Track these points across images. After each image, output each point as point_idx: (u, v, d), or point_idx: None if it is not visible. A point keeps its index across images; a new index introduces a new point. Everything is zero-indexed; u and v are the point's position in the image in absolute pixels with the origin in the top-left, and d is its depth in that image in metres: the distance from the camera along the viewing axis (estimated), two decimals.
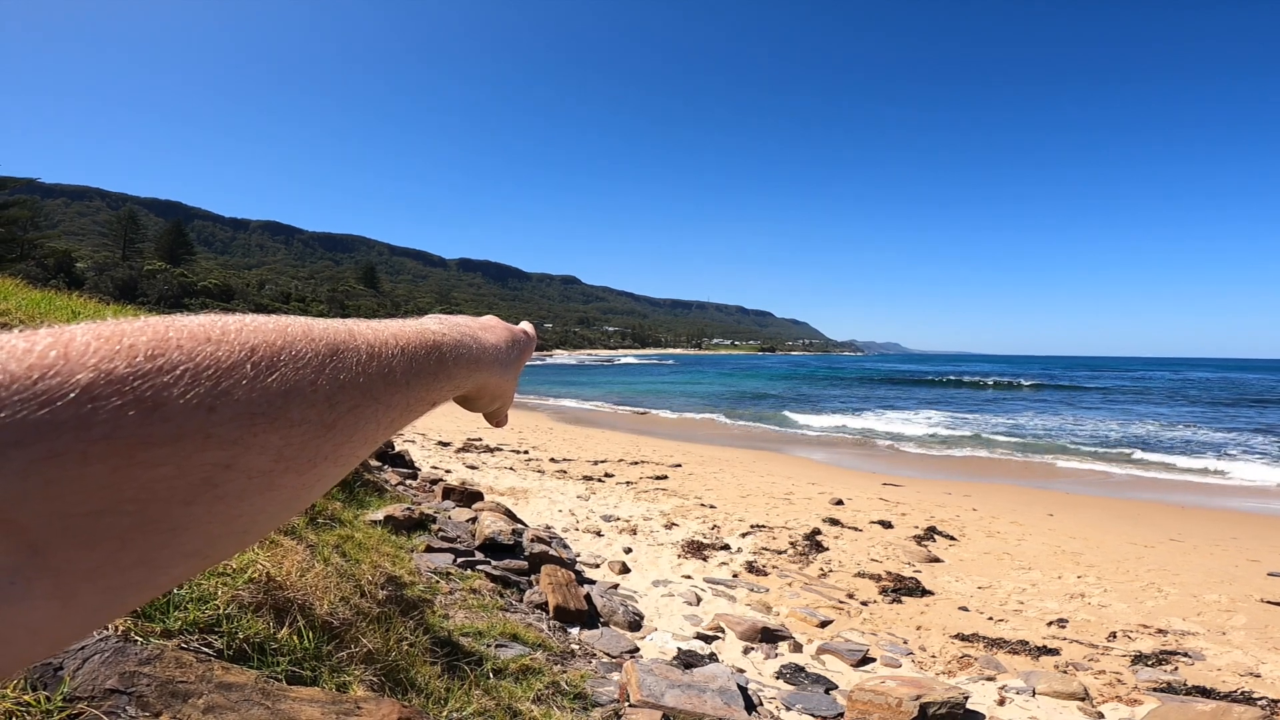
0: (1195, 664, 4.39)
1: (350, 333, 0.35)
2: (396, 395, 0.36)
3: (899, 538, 7.43)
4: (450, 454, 11.94)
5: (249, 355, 0.27)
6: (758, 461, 13.24)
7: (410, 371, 0.38)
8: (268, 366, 0.28)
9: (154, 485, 0.23)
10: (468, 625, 3.00)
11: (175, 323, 0.27)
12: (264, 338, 0.29)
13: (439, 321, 0.46)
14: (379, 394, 0.35)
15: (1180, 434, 20.32)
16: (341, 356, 0.32)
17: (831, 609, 5.21)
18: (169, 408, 0.24)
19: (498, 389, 0.54)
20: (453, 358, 0.43)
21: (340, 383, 0.32)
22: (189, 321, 0.27)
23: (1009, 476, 12.59)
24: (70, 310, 3.60)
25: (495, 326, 0.56)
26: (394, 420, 0.37)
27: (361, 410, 0.33)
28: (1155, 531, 8.07)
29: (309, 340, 0.31)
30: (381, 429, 0.36)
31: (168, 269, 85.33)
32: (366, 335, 0.36)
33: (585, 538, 6.80)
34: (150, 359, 0.24)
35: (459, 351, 0.44)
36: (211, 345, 0.26)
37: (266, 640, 1.26)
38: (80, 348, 0.23)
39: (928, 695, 3.24)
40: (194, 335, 0.26)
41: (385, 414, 0.36)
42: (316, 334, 0.32)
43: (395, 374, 0.36)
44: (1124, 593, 5.82)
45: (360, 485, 5.61)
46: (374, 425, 0.35)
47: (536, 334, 0.66)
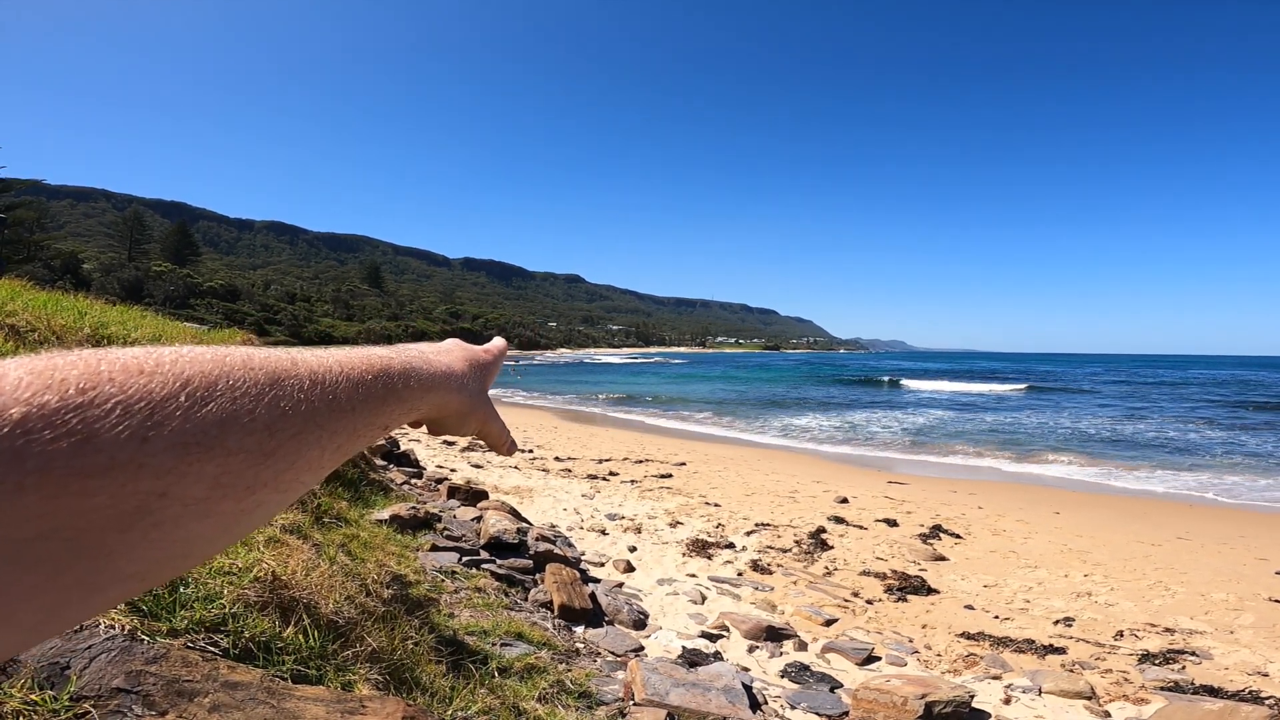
0: (1203, 663, 4.37)
1: (293, 361, 0.36)
2: (342, 421, 0.37)
3: (904, 536, 7.41)
4: (455, 453, 11.97)
5: (183, 386, 0.28)
6: (762, 460, 13.23)
7: (357, 396, 0.39)
8: (203, 397, 0.29)
9: (88, 514, 0.25)
10: (473, 624, 3.01)
11: (108, 355, 0.28)
12: (200, 369, 0.30)
13: (389, 348, 0.47)
14: (322, 420, 0.36)
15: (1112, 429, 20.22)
16: (282, 385, 0.33)
17: (836, 607, 5.21)
18: (101, 439, 0.25)
19: (460, 409, 0.54)
20: (402, 381, 0.44)
21: (280, 410, 0.33)
22: (123, 354, 0.28)
23: (1003, 476, 12.56)
24: (77, 311, 3.62)
25: (452, 349, 0.57)
26: (341, 446, 0.38)
27: (304, 436, 0.34)
28: (1162, 530, 8.03)
29: (247, 370, 0.32)
30: (328, 455, 0.37)
31: (174, 269, 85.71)
32: (310, 363, 0.37)
33: (590, 536, 6.81)
34: (81, 392, 0.25)
35: (409, 374, 0.45)
36: (144, 378, 0.27)
37: (272, 639, 1.27)
38: (13, 383, 0.24)
39: (933, 694, 3.23)
40: (127, 368, 0.27)
41: (330, 440, 0.37)
42: (256, 363, 0.33)
43: (340, 400, 0.37)
44: (1131, 591, 5.79)
45: (366, 484, 5.63)
46: (318, 451, 0.36)
47: (507, 346, 0.66)
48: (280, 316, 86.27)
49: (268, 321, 77.51)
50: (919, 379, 51.08)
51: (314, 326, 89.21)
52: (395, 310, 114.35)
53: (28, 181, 36.09)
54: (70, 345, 3.01)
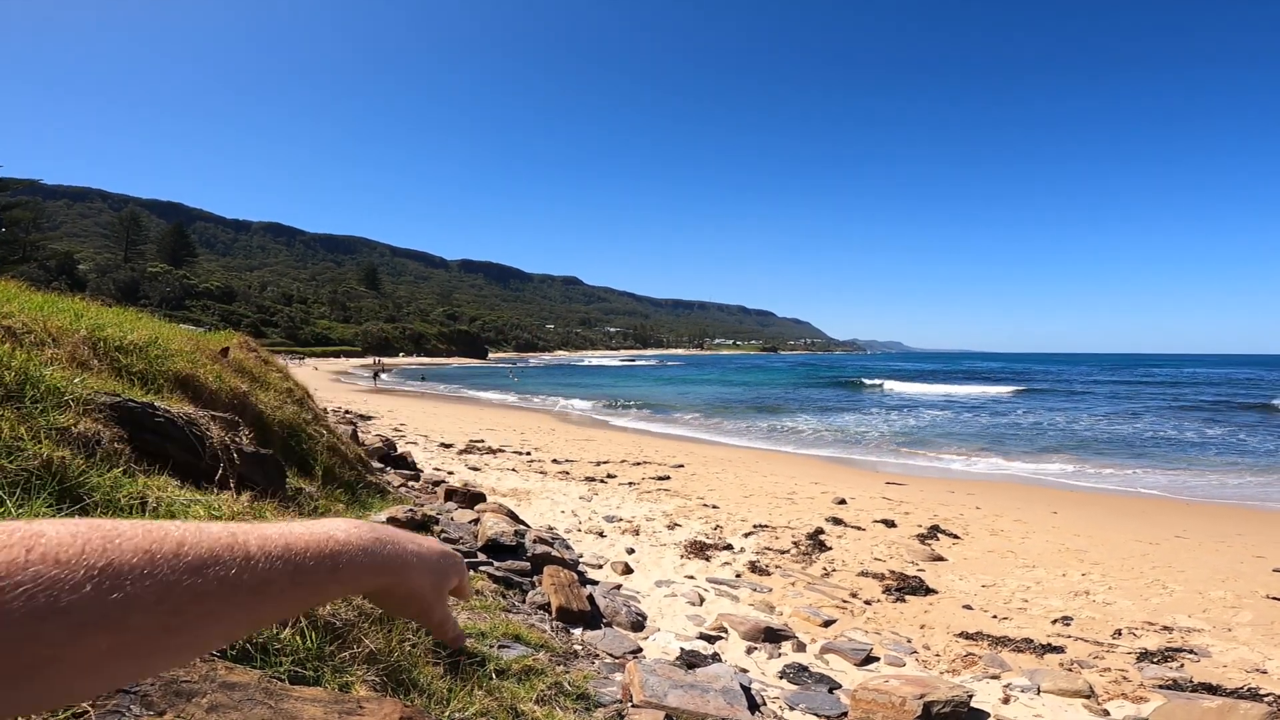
0: (1201, 661, 4.37)
1: (232, 542, 0.39)
2: (265, 605, 0.40)
3: (902, 536, 7.41)
4: (453, 455, 11.95)
5: (93, 576, 0.33)
6: (760, 461, 13.23)
7: (294, 580, 0.42)
8: (110, 587, 0.33)
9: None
10: (470, 626, 3.00)
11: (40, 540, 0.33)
12: (122, 558, 0.34)
13: (355, 526, 0.49)
14: (242, 600, 0.39)
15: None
16: (206, 570, 0.37)
17: (835, 608, 5.20)
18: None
19: (407, 595, 0.55)
20: (349, 567, 0.46)
21: (196, 593, 0.36)
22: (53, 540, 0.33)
23: (1000, 476, 12.57)
24: (74, 312, 3.60)
25: (427, 542, 0.59)
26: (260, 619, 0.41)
27: (217, 614, 0.38)
28: (1160, 528, 8.05)
29: (177, 555, 0.36)
30: (242, 628, 0.40)
31: (170, 270, 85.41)
32: (251, 544, 0.40)
33: (588, 538, 6.80)
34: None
35: (361, 559, 0.48)
36: (58, 569, 0.32)
37: (270, 641, 1.26)
38: None
39: (932, 694, 3.23)
40: (45, 558, 0.32)
41: (248, 616, 0.40)
42: (189, 548, 0.37)
43: (271, 584, 0.40)
44: (1129, 590, 5.80)
45: (363, 487, 5.61)
46: (229, 625, 0.39)
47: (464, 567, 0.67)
48: (277, 318, 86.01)
49: (264, 323, 77.23)
50: (912, 381, 51.15)
51: (310, 328, 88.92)
52: (392, 312, 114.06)
53: (24, 181, 35.91)
54: (66, 347, 2.99)
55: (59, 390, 2.33)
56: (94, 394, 2.49)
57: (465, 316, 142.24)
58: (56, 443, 2.08)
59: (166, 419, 2.84)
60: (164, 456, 2.66)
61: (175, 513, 2.02)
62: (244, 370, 5.69)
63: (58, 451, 2.03)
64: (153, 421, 2.75)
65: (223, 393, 4.26)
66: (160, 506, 2.04)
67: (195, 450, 2.89)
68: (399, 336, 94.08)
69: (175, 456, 2.74)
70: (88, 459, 2.12)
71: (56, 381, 2.38)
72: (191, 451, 2.87)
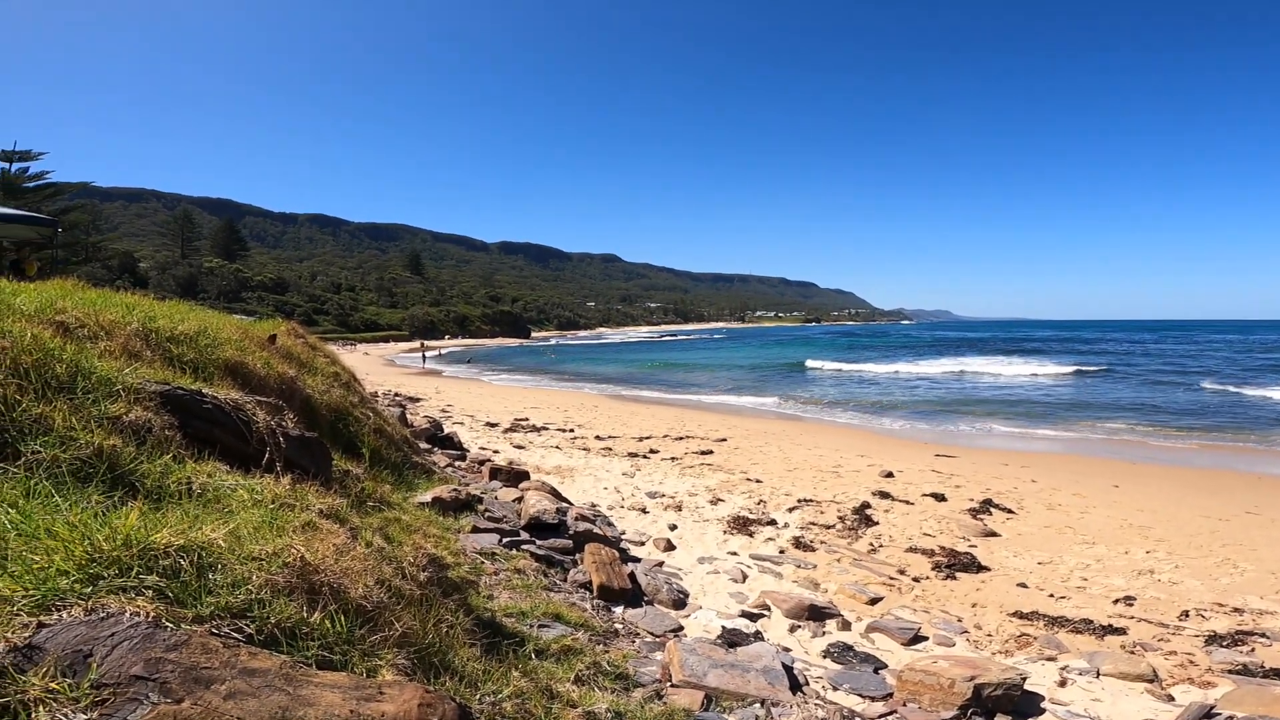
0: (1274, 645, 4.13)
1: None
2: None
3: (953, 511, 7.22)
4: (498, 434, 12.15)
5: None
6: (804, 434, 13.05)
7: None
8: None
9: None
10: (511, 606, 3.03)
11: None
12: None
13: None
14: None
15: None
16: None
17: (882, 585, 5.10)
18: None
19: None
20: None
21: None
22: None
23: (1056, 447, 12.10)
24: (125, 306, 3.74)
25: None
26: None
27: None
28: (1230, 504, 7.62)
29: None
30: None
31: (225, 265, 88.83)
32: None
33: (630, 515, 6.83)
34: None
35: None
36: None
37: (298, 624, 1.27)
38: None
39: (982, 676, 3.13)
40: None
41: None
42: None
43: None
44: (1196, 569, 5.52)
45: (409, 468, 5.74)
46: None
47: None
48: (327, 306, 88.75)
49: (316, 312, 79.85)
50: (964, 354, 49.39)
51: (360, 314, 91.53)
52: (437, 296, 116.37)
53: (78, 185, 37.61)
54: (119, 339, 3.10)
55: (109, 381, 2.40)
56: (144, 383, 2.56)
57: (507, 297, 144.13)
58: (108, 431, 2.15)
59: (214, 405, 2.92)
60: (213, 442, 2.74)
61: (220, 496, 2.08)
62: (292, 356, 5.85)
63: (109, 440, 2.09)
64: (201, 408, 2.83)
65: (271, 378, 4.39)
66: (206, 492, 2.09)
67: (243, 435, 2.96)
68: (444, 319, 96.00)
69: (223, 442, 2.82)
70: (139, 446, 2.19)
71: (107, 372, 2.46)
72: (239, 437, 2.94)
